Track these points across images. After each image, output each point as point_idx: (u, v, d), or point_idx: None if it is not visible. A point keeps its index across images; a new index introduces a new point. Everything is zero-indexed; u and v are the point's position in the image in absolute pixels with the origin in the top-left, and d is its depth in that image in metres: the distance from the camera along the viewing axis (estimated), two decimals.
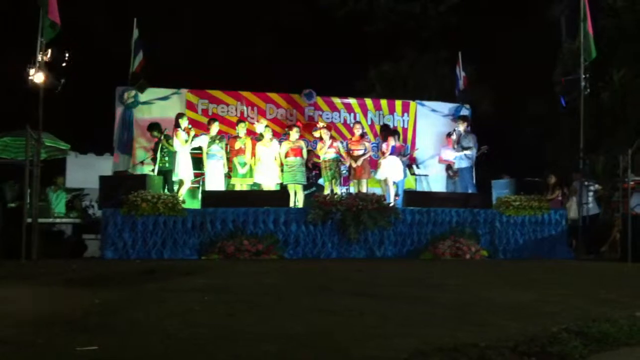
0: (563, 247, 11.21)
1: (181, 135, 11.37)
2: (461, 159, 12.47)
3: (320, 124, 12.62)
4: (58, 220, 11.70)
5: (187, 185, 11.55)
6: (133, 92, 12.85)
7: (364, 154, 12.05)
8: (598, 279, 8.19)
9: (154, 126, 11.86)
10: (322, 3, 20.60)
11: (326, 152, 11.93)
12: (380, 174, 12.05)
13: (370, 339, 4.26)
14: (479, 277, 7.95)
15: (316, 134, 12.52)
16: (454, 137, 12.60)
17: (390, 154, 12.00)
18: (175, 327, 4.50)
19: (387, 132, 12.51)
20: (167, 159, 11.46)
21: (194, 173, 11.82)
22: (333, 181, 11.92)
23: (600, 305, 5.64)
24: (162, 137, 11.56)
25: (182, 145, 11.35)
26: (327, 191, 11.80)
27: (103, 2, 19.05)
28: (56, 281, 6.99)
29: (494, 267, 9.45)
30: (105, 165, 14.07)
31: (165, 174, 11.43)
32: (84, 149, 17.25)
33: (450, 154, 12.89)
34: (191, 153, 11.64)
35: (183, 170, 11.39)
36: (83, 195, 13.46)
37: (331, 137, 12.17)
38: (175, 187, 11.50)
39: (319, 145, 12.20)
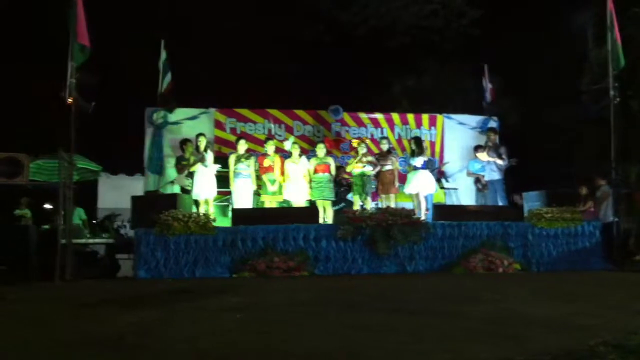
0: (597, 258, 10.99)
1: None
2: (492, 170, 12.40)
3: (367, 141, 12.98)
4: (91, 240, 11.83)
5: (204, 205, 11.53)
6: (162, 113, 13.02)
7: (391, 169, 12.06)
8: (634, 290, 8.05)
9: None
10: (344, 21, 20.63)
11: (354, 167, 11.97)
12: (413, 188, 11.98)
13: (405, 356, 4.25)
14: (513, 290, 7.86)
15: (354, 144, 12.61)
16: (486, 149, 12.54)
17: (422, 167, 11.95)
18: (209, 346, 4.54)
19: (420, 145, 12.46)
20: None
21: (221, 191, 11.90)
22: (360, 196, 11.92)
23: (638, 318, 5.55)
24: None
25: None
26: (356, 206, 11.80)
27: (133, 23, 19.31)
28: (90, 301, 7.07)
29: (527, 281, 9.34)
30: (137, 185, 14.20)
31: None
32: (115, 170, 17.46)
33: (483, 156, 12.67)
34: (219, 171, 11.70)
35: (197, 190, 11.47)
36: (115, 215, 13.61)
37: (366, 153, 12.15)
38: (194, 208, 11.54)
39: (351, 160, 12.24)
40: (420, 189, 11.90)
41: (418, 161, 11.95)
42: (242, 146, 11.88)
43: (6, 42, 18.06)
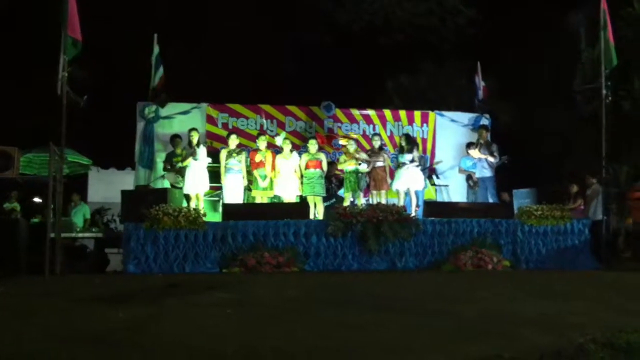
0: (586, 257, 11.01)
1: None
2: (483, 168, 12.42)
3: (354, 136, 12.87)
4: (80, 235, 11.78)
5: (195, 200, 11.47)
6: (154, 107, 12.95)
7: (382, 166, 12.06)
8: (623, 289, 8.08)
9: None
10: (339, 17, 20.60)
11: (347, 165, 11.94)
12: (401, 184, 11.97)
13: (396, 354, 4.25)
14: (503, 288, 7.88)
15: (342, 142, 12.60)
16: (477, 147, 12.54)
17: (411, 163, 11.93)
18: (199, 342, 4.53)
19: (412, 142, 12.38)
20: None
21: (212, 186, 11.86)
22: (353, 193, 11.91)
23: (627, 316, 5.58)
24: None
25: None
26: (347, 202, 11.79)
27: (125, 18, 19.24)
28: (80, 296, 7.04)
29: (517, 279, 9.35)
30: (127, 179, 14.16)
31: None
32: (105, 164, 17.40)
33: (475, 153, 12.64)
34: (209, 166, 11.65)
35: (189, 184, 11.40)
36: (105, 209, 13.56)
37: (357, 150, 12.11)
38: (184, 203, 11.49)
39: (342, 157, 12.23)
40: (409, 185, 11.89)
41: (407, 158, 11.94)
42: (234, 141, 11.82)
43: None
